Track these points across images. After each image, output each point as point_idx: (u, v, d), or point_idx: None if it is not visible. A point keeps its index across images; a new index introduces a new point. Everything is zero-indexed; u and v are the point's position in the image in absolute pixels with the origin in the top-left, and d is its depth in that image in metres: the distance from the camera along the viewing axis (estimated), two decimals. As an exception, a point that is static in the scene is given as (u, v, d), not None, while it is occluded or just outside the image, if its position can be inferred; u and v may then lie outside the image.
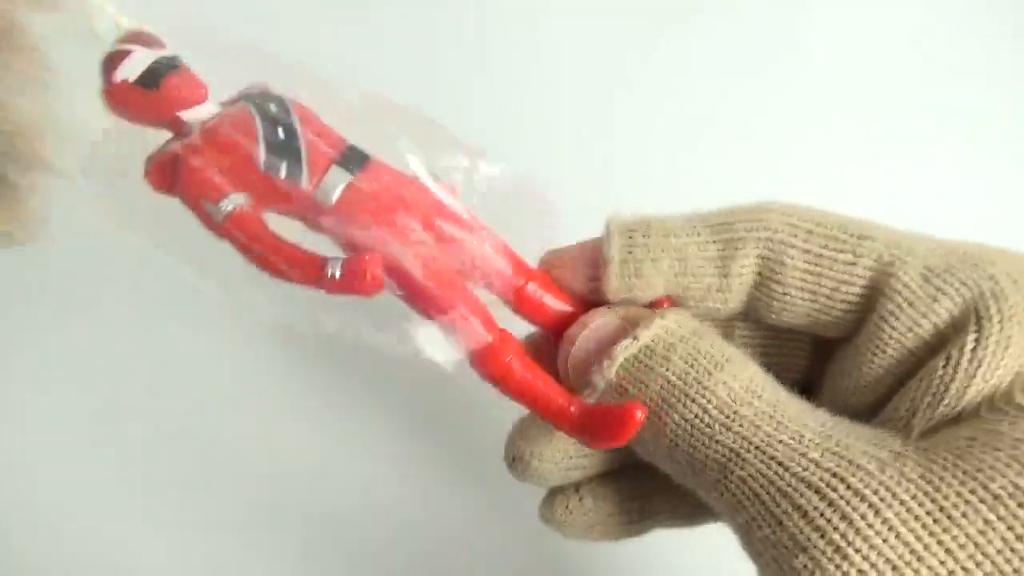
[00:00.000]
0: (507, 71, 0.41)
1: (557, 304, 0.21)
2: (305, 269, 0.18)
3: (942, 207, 0.37)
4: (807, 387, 0.22)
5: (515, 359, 0.19)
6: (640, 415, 0.18)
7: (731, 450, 0.18)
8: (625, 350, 0.19)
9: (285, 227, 0.19)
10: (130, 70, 0.18)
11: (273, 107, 0.19)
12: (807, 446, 0.17)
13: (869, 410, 0.20)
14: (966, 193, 0.41)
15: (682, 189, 0.38)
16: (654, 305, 0.21)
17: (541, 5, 0.43)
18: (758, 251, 0.20)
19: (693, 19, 0.44)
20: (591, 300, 0.21)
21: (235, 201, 0.18)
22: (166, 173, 0.18)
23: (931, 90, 0.43)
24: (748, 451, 0.17)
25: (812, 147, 0.41)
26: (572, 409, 0.19)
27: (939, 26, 0.44)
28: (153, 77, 0.18)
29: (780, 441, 0.17)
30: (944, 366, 0.18)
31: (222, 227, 0.18)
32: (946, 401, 0.18)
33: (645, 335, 0.19)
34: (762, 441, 0.17)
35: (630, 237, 0.20)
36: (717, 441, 0.18)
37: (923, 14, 0.45)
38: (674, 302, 0.21)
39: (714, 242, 0.20)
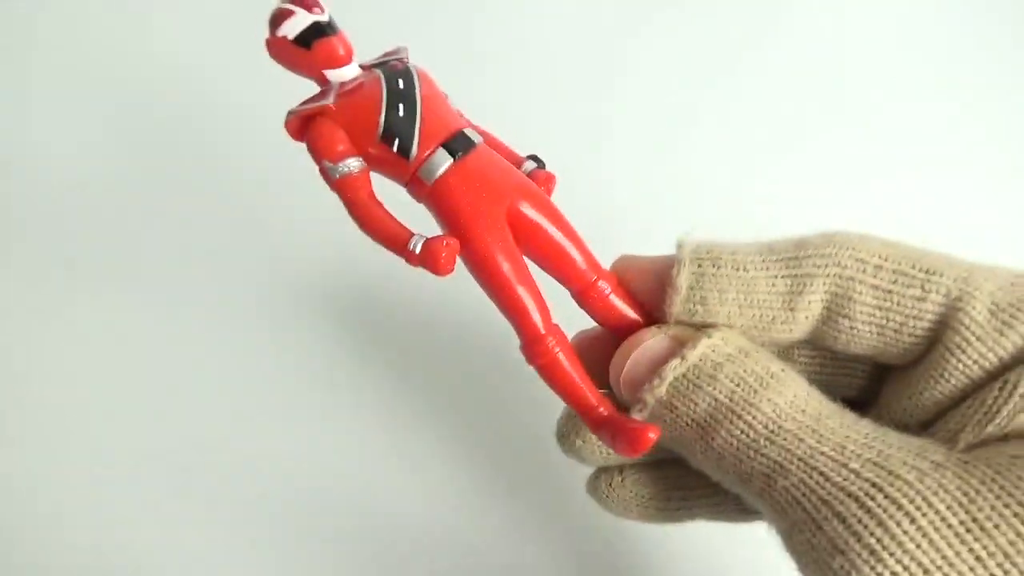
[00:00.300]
0: (503, 70, 0.41)
1: (621, 306, 0.22)
2: (392, 239, 0.20)
3: (941, 208, 0.37)
4: (863, 401, 0.23)
5: (561, 353, 0.21)
6: (653, 436, 0.19)
7: (776, 462, 0.19)
8: (674, 370, 0.20)
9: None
10: (290, 29, 0.20)
11: (401, 83, 0.21)
12: (848, 457, 0.18)
13: (921, 427, 0.21)
14: (964, 194, 0.39)
15: (682, 188, 0.38)
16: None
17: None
18: (826, 287, 0.20)
19: (698, 22, 0.42)
20: (654, 310, 0.22)
21: (349, 166, 0.20)
22: (300, 127, 0.21)
23: (931, 91, 0.41)
24: (792, 463, 0.18)
25: (810, 146, 0.40)
26: (601, 410, 0.21)
27: (938, 28, 0.42)
28: (306, 39, 0.20)
29: (822, 453, 0.18)
30: (1000, 388, 0.19)
31: (334, 184, 0.20)
32: (997, 421, 0.19)
33: (692, 355, 0.20)
34: (805, 453, 0.18)
35: (699, 266, 0.21)
36: (762, 454, 0.19)
37: (924, 14, 0.42)
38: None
39: (783, 277, 0.21)
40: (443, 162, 0.20)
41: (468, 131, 0.21)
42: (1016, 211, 0.38)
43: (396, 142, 0.20)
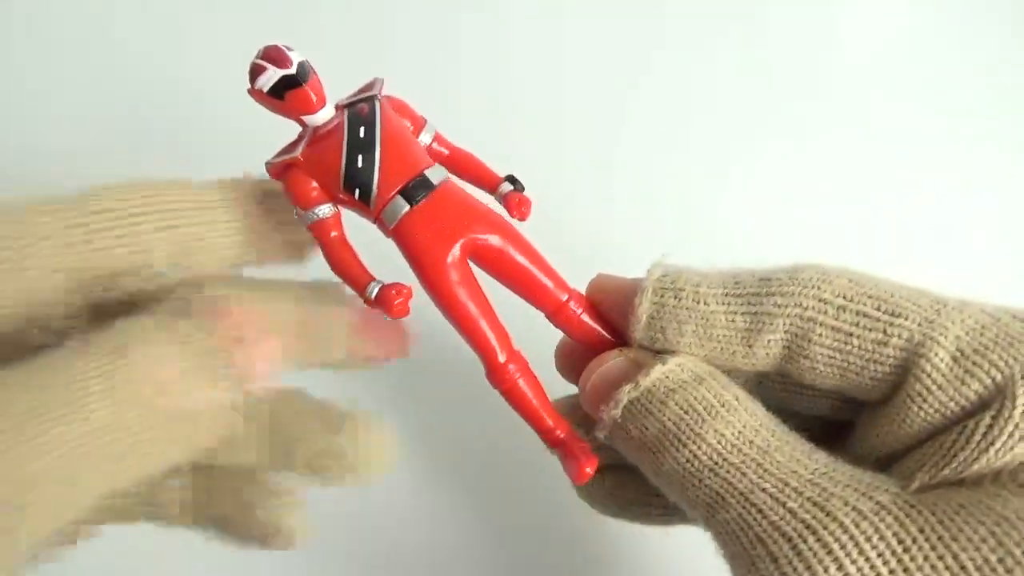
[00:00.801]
0: (503, 73, 0.41)
1: (593, 324, 0.23)
2: (353, 281, 0.22)
3: (941, 208, 0.37)
4: (841, 422, 0.23)
5: (522, 379, 0.22)
6: (589, 471, 0.21)
7: (717, 494, 0.19)
8: (628, 394, 0.21)
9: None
10: (263, 83, 0.22)
11: (362, 131, 0.22)
12: (788, 495, 0.18)
13: (890, 459, 0.21)
14: (963, 194, 0.39)
15: (681, 188, 0.38)
16: None
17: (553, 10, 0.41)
18: (785, 327, 0.20)
19: (697, 22, 0.42)
20: (623, 331, 0.23)
21: (319, 213, 0.22)
22: (277, 173, 0.23)
23: (931, 91, 0.40)
24: (732, 496, 0.19)
25: (809, 146, 0.40)
26: (557, 433, 0.23)
27: (938, 28, 0.41)
28: (279, 90, 0.22)
29: (763, 489, 0.18)
30: (959, 434, 0.19)
31: (306, 228, 0.22)
32: (953, 466, 0.19)
33: (645, 381, 0.21)
34: (746, 488, 0.19)
35: (661, 296, 0.21)
36: (705, 485, 0.19)
37: (923, 14, 0.42)
38: None
39: (743, 314, 0.21)
40: (402, 208, 0.22)
41: (429, 172, 0.22)
42: (1016, 211, 0.37)
43: (357, 192, 0.22)
